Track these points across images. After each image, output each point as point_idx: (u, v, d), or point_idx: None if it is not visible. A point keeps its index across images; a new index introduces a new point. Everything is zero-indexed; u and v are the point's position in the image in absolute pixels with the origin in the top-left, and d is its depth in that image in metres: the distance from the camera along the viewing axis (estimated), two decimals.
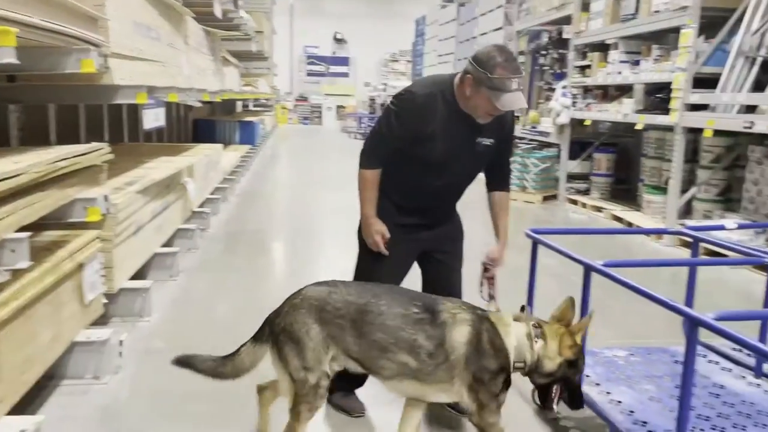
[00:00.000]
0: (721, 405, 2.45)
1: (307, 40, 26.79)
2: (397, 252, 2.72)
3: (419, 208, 2.71)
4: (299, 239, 6.45)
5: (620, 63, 7.40)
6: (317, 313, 2.18)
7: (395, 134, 2.58)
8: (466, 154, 2.61)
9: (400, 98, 2.61)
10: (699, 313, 1.91)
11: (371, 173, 2.65)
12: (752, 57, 5.56)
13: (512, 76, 2.38)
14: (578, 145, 8.85)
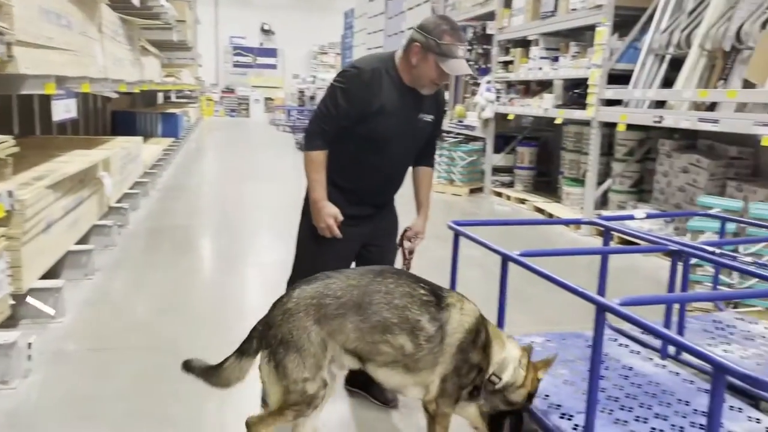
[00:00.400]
0: (630, 386, 2.57)
1: (234, 31, 26.21)
2: (341, 246, 2.69)
3: (365, 193, 2.69)
4: (225, 234, 6.32)
5: (541, 59, 7.62)
6: (316, 312, 2.03)
7: (342, 112, 2.55)
8: (410, 130, 2.65)
9: (345, 75, 2.59)
10: (607, 299, 2.00)
11: (318, 154, 2.60)
12: (662, 54, 5.85)
13: (459, 43, 2.48)
14: (502, 138, 9.08)
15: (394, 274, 2.16)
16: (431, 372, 2.12)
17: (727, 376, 1.55)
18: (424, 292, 2.13)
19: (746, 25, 4.87)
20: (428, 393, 2.16)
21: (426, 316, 2.08)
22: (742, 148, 5.84)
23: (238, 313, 4.03)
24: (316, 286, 2.08)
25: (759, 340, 3.14)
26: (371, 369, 2.14)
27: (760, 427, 2.29)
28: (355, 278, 2.11)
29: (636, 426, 2.25)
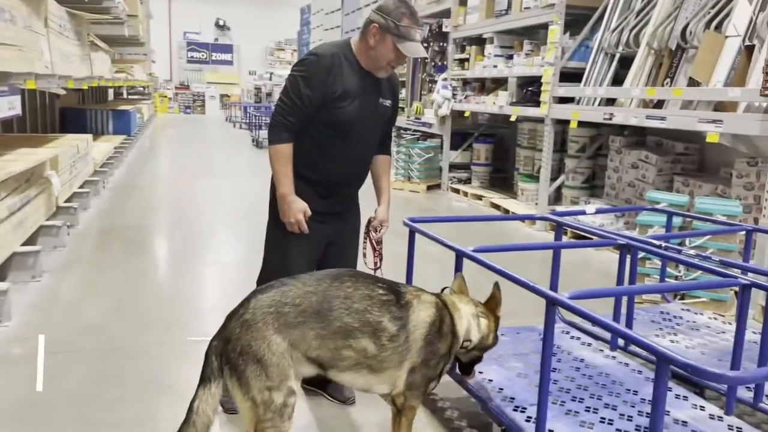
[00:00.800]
0: (581, 377, 2.64)
1: (188, 26, 25.75)
2: (310, 244, 2.66)
3: (333, 184, 2.65)
4: (180, 233, 6.21)
5: (495, 57, 7.72)
6: (275, 321, 1.94)
7: (306, 100, 2.52)
8: (372, 114, 2.65)
9: (305, 63, 2.57)
10: (559, 292, 2.05)
11: (284, 147, 2.56)
12: (611, 53, 5.99)
13: (417, 27, 2.51)
14: (459, 135, 9.16)
15: (351, 277, 2.11)
16: (398, 369, 2.11)
17: (671, 365, 1.61)
18: (383, 291, 2.10)
19: (691, 24, 5.03)
20: (396, 387, 2.14)
21: (387, 316, 2.06)
22: (688, 144, 6.04)
23: (193, 313, 3.97)
24: (272, 294, 2.00)
25: (704, 330, 3.25)
26: (334, 374, 2.09)
27: (704, 414, 2.37)
28: (312, 284, 2.04)
29: (586, 416, 2.30)
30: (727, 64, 4.65)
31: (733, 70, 4.59)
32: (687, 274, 4.04)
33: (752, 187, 4.86)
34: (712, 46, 4.76)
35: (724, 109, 4.67)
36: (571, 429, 2.21)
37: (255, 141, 14.48)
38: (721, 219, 3.75)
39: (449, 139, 8.99)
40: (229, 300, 2.17)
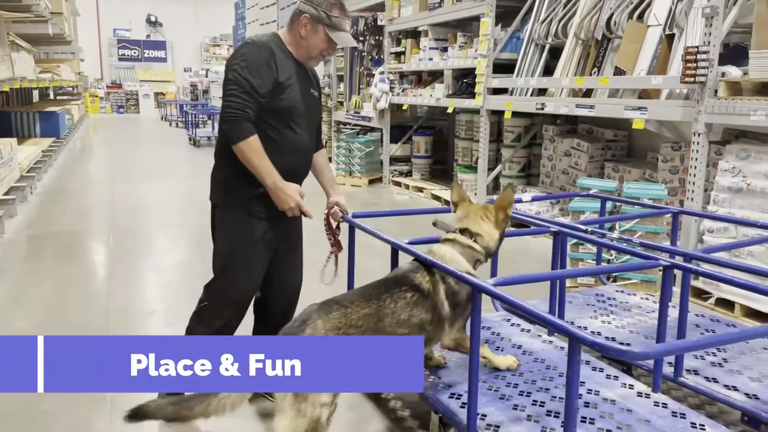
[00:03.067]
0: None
1: (117, 23, 24.90)
2: (260, 249, 2.60)
3: (287, 178, 2.54)
4: (116, 238, 6.01)
5: (431, 49, 7.78)
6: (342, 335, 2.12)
7: (258, 89, 2.42)
8: (309, 103, 2.64)
9: (243, 52, 2.48)
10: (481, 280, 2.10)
11: (254, 139, 2.43)
12: (542, 44, 6.13)
13: (346, 17, 2.56)
14: (399, 128, 9.20)
15: (385, 293, 2.28)
16: (444, 331, 2.40)
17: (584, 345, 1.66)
18: (411, 294, 2.31)
19: (615, 15, 5.19)
20: (443, 340, 2.45)
21: (422, 311, 2.31)
22: (617, 131, 6.25)
23: (126, 321, 3.86)
24: (336, 316, 2.15)
25: (635, 310, 3.39)
26: None
27: (632, 392, 2.47)
28: (365, 306, 2.22)
29: (519, 399, 2.37)
30: (649, 53, 4.83)
31: (655, 58, 4.78)
32: (618, 257, 4.19)
33: (677, 171, 5.08)
34: (635, 35, 4.93)
35: (648, 96, 4.85)
36: (503, 413, 2.27)
37: (192, 140, 14.17)
38: (648, 203, 3.90)
39: (389, 133, 9.02)
40: (168, 305, 2.12)
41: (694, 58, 4.10)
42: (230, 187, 2.55)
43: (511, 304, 1.91)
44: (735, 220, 3.77)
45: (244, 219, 2.55)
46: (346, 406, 2.85)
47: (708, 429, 2.20)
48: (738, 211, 3.99)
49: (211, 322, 2.57)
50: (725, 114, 4.02)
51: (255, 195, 2.52)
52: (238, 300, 2.57)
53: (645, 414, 2.29)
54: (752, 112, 3.82)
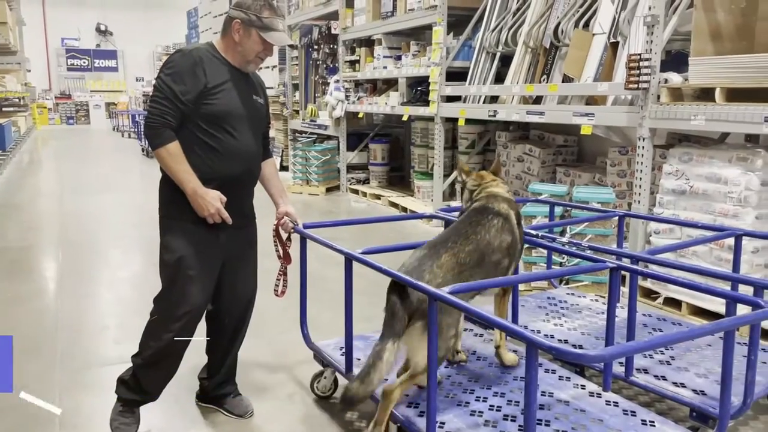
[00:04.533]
0: (473, 368, 2.73)
1: (66, 32, 24.29)
2: (208, 259, 2.55)
3: (227, 186, 2.52)
4: (67, 253, 5.83)
5: (385, 58, 7.83)
6: (454, 280, 2.28)
7: (180, 96, 2.42)
8: (250, 110, 2.61)
9: (169, 61, 2.50)
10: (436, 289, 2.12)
11: (173, 146, 2.43)
12: (492, 52, 6.23)
13: (279, 16, 2.55)
14: (355, 136, 9.22)
15: (478, 226, 2.49)
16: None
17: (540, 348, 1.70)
18: (497, 219, 2.54)
19: (562, 23, 5.32)
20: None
21: (508, 234, 2.54)
22: (567, 136, 6.40)
23: (77, 338, 3.75)
24: (447, 258, 2.34)
25: (586, 312, 3.47)
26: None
27: (584, 392, 2.53)
28: (468, 243, 2.42)
29: (477, 405, 2.40)
30: (595, 61, 4.96)
31: (601, 65, 4.91)
32: (569, 260, 4.28)
33: (625, 175, 5.22)
34: (581, 43, 5.07)
35: (596, 102, 4.99)
36: (461, 419, 2.29)
37: (145, 150, 13.89)
38: (596, 206, 4.00)
39: (345, 141, 9.02)
40: (121, 321, 2.08)
41: (637, 65, 4.23)
42: (175, 197, 2.51)
43: (467, 310, 1.93)
44: (678, 221, 3.90)
45: (190, 228, 2.52)
46: (298, 419, 2.84)
47: (658, 425, 2.27)
48: (682, 213, 4.12)
49: (159, 336, 2.52)
50: (668, 119, 4.15)
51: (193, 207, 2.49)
52: (186, 312, 2.51)
53: (597, 413, 2.35)
54: (693, 116, 3.96)
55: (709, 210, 3.96)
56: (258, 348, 3.42)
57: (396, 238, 6.01)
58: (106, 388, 2.77)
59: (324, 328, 3.25)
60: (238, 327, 2.78)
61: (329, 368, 2.95)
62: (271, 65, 11.15)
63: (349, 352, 2.70)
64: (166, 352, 2.52)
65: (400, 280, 2.24)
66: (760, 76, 3.70)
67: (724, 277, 2.74)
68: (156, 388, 2.60)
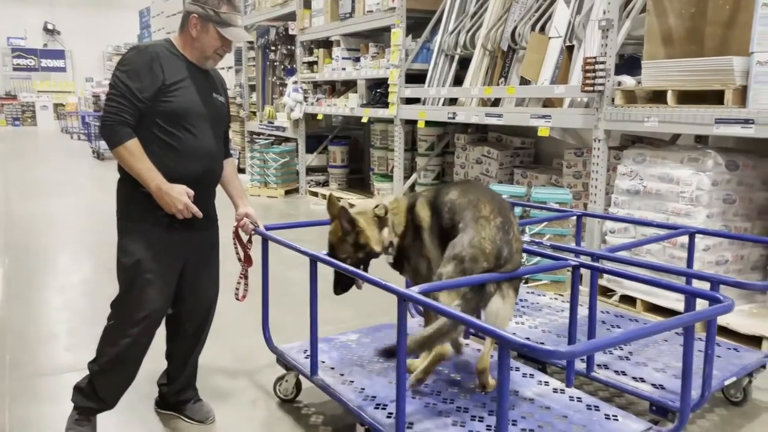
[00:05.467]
0: (439, 370, 2.73)
1: (11, 31, 23.46)
2: (167, 262, 2.48)
3: (185, 184, 2.44)
4: (12, 259, 5.61)
5: (344, 59, 7.81)
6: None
7: (136, 93, 2.36)
8: (210, 108, 2.56)
9: (125, 58, 2.44)
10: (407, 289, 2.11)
11: (132, 142, 2.36)
12: (451, 54, 6.28)
13: (236, 12, 2.50)
14: (314, 138, 9.16)
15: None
16: None
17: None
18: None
19: (519, 27, 5.40)
20: None
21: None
22: (524, 138, 6.50)
23: (25, 347, 3.61)
24: (510, 232, 2.34)
25: (546, 310, 3.52)
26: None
27: (548, 389, 2.56)
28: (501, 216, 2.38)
29: (444, 406, 2.40)
30: (551, 64, 5.05)
31: (557, 68, 5.00)
32: (529, 259, 4.33)
33: (580, 176, 5.33)
34: (537, 46, 5.15)
35: (552, 104, 5.08)
36: (430, 420, 2.29)
37: (96, 153, 13.51)
38: (554, 206, 4.07)
39: (304, 143, 8.96)
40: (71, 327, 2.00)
41: (593, 68, 4.33)
42: (133, 198, 2.44)
43: (436, 309, 1.93)
44: (634, 220, 3.99)
45: (149, 230, 2.45)
46: (261, 424, 2.80)
47: (621, 419, 2.31)
48: (636, 212, 4.22)
49: (117, 341, 2.44)
50: (622, 121, 4.26)
51: (158, 205, 2.42)
52: (145, 317, 2.44)
53: (562, 410, 2.38)
54: (646, 118, 4.07)
55: (662, 209, 4.07)
56: (218, 352, 3.35)
57: None
58: (57, 397, 2.67)
59: (286, 331, 3.21)
60: (198, 331, 2.71)
61: (292, 371, 2.91)
62: (227, 66, 10.99)
63: (314, 355, 2.66)
64: (124, 358, 2.44)
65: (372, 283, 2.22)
66: (709, 79, 3.83)
67: (683, 273, 2.80)
68: (113, 396, 2.51)
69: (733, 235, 3.78)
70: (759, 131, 3.48)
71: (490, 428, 2.25)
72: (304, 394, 2.97)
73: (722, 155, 3.91)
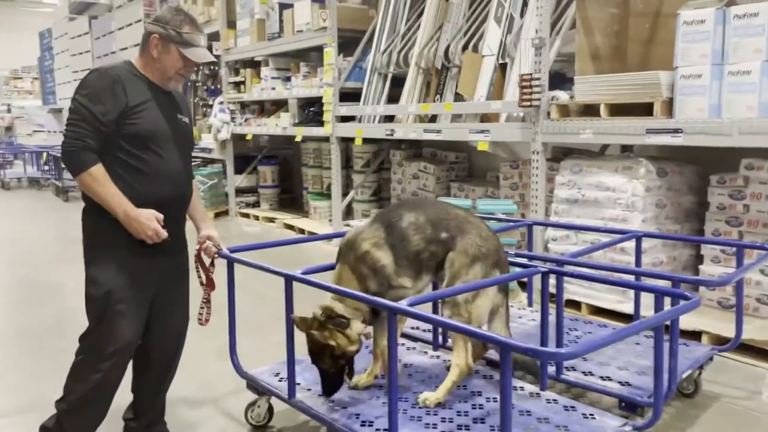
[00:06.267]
0: (415, 382, 2.75)
1: None
2: (139, 291, 2.37)
3: (153, 208, 2.36)
4: None
5: (273, 79, 7.76)
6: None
7: (100, 117, 2.27)
8: (176, 129, 2.49)
9: (87, 81, 2.35)
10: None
11: (97, 168, 2.28)
12: (384, 73, 6.38)
13: (199, 32, 2.47)
14: (242, 159, 9.02)
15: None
16: None
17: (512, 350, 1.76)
18: None
19: (451, 46, 5.57)
20: None
21: None
22: (458, 153, 6.68)
23: None
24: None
25: None
26: None
27: (525, 393, 2.63)
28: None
29: (429, 418, 2.41)
30: (486, 81, 5.24)
31: (491, 85, 5.19)
32: None
33: (517, 187, 5.54)
34: (472, 64, 5.33)
35: (488, 120, 5.26)
36: None
37: (1, 182, 12.67)
38: (503, 217, 4.20)
39: (232, 164, 8.79)
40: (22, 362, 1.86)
41: (529, 84, 4.52)
42: (101, 225, 2.34)
43: (423, 319, 1.95)
44: (585, 227, 4.15)
45: (118, 258, 2.35)
46: None
47: (598, 417, 2.41)
48: (576, 220, 4.43)
49: (87, 377, 2.30)
50: (558, 134, 4.47)
51: (127, 231, 2.33)
52: (117, 350, 2.33)
53: (542, 412, 2.45)
54: (581, 131, 4.29)
55: (600, 216, 4.30)
56: (179, 381, 3.20)
57: (300, 259, 5.92)
58: None
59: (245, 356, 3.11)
60: (169, 362, 2.60)
61: (264, 396, 2.84)
62: None
63: (291, 377, 2.61)
64: (95, 394, 2.31)
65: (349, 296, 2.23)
66: (638, 92, 4.10)
67: (647, 274, 2.98)
68: None
69: (679, 237, 4.08)
70: (687, 140, 3.75)
71: None
72: (277, 418, 2.90)
73: (653, 163, 4.19)
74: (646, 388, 2.61)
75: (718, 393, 3.17)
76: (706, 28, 3.76)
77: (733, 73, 3.69)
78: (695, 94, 3.80)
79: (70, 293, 5.21)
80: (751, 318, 3.81)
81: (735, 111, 3.66)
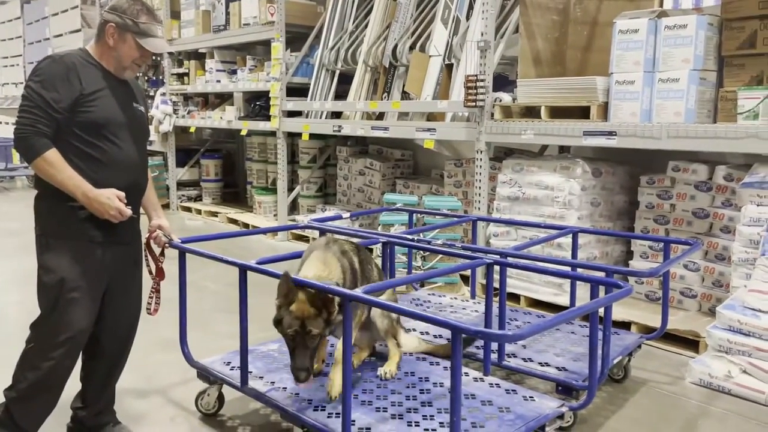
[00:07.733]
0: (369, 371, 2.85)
1: None
2: (93, 279, 2.36)
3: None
4: None
5: (218, 72, 7.68)
6: None
7: (52, 104, 2.26)
8: (131, 118, 2.49)
9: (39, 68, 2.33)
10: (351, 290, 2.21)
11: (51, 152, 2.26)
12: (332, 69, 6.44)
13: (156, 22, 2.47)
14: (184, 152, 8.88)
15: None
16: None
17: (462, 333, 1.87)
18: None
19: (399, 45, 5.69)
20: None
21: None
22: (404, 151, 6.81)
23: None
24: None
25: (449, 309, 3.75)
26: None
27: (469, 378, 2.76)
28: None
29: (379, 402, 2.52)
30: (433, 80, 5.38)
31: (438, 85, 5.34)
32: (425, 263, 4.58)
33: (461, 185, 5.71)
34: (419, 64, 5.46)
35: (434, 119, 5.40)
36: (369, 416, 2.40)
37: None
38: (448, 213, 4.35)
39: (174, 156, 8.65)
40: None
41: (474, 85, 4.69)
42: (55, 212, 2.32)
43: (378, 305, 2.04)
44: (527, 223, 4.33)
45: (72, 245, 2.34)
46: None
47: (537, 399, 2.56)
48: (516, 216, 4.62)
49: (38, 365, 2.28)
50: (501, 134, 4.65)
51: (82, 218, 2.34)
52: (69, 338, 2.31)
53: (485, 395, 2.59)
54: (523, 131, 4.48)
55: (539, 213, 4.51)
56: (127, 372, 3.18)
57: (245, 253, 5.91)
58: None
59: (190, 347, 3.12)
60: (120, 351, 2.60)
61: (215, 385, 2.87)
62: None
63: (244, 366, 2.66)
64: (46, 383, 2.29)
65: (308, 285, 2.29)
66: (576, 96, 4.32)
67: (585, 266, 3.17)
68: (34, 424, 2.34)
69: (612, 233, 4.33)
70: (621, 142, 3.99)
71: (428, 418, 2.40)
72: (227, 407, 2.94)
73: (588, 164, 4.42)
74: (581, 373, 2.79)
75: (646, 378, 3.40)
76: (640, 38, 4.01)
77: (663, 81, 3.95)
78: (629, 99, 4.05)
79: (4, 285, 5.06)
80: (676, 309, 4.10)
81: (664, 116, 3.93)
